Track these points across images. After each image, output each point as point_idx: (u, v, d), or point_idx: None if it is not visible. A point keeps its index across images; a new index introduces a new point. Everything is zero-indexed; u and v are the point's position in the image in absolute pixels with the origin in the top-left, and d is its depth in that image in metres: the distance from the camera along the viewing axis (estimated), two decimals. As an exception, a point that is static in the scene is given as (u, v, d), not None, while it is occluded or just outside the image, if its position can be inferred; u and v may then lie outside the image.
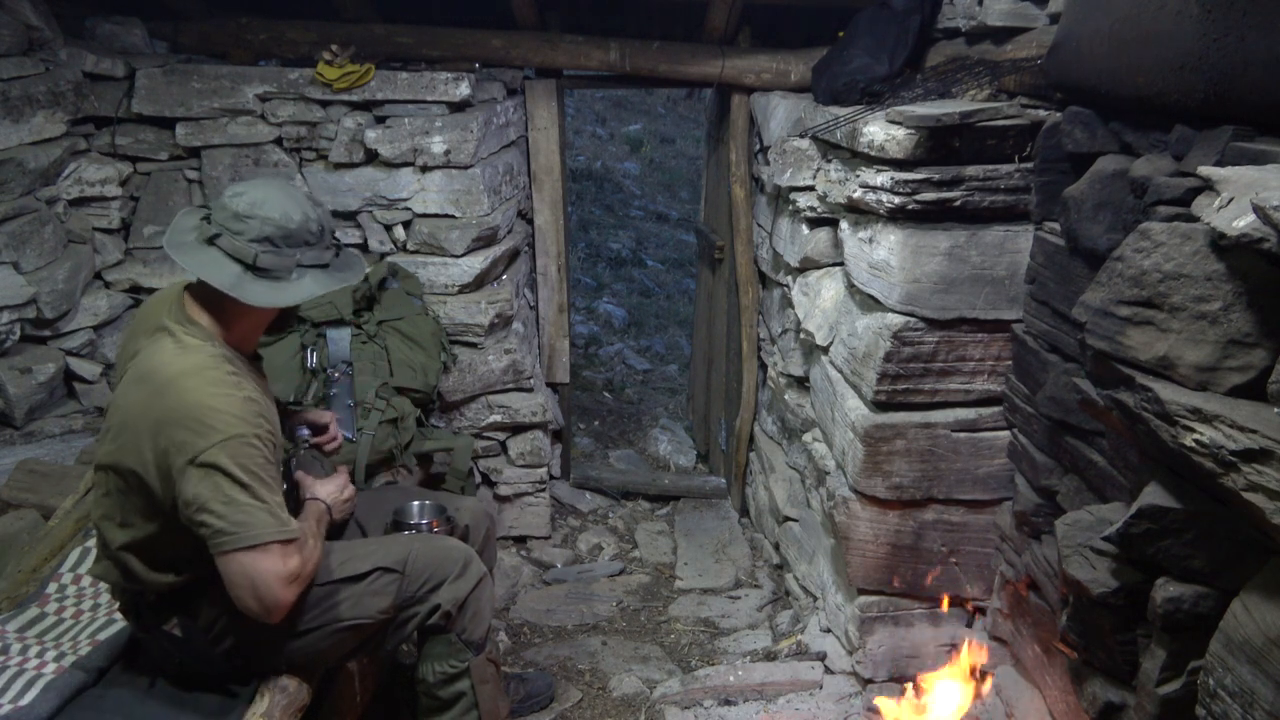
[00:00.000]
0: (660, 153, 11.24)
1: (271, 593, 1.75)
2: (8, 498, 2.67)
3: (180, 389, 1.75)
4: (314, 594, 1.99)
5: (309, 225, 1.90)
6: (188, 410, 1.73)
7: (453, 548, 2.20)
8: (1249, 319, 1.35)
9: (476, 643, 2.18)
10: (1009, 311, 2.40)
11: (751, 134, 3.91)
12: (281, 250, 1.86)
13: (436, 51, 3.66)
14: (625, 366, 6.27)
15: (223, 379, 1.78)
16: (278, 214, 1.85)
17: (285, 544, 1.76)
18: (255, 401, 1.81)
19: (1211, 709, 1.33)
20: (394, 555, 2.08)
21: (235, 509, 1.71)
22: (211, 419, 1.72)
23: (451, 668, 2.16)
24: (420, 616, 2.11)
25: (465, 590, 2.13)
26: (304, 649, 2.00)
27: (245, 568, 1.73)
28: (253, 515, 1.72)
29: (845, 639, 2.83)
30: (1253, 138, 1.54)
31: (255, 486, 1.74)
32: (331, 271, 1.95)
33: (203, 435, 1.71)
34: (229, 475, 1.71)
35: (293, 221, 1.87)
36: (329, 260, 1.95)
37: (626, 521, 4.26)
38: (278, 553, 1.75)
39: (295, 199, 1.91)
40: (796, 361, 3.32)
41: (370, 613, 2.04)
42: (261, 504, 1.74)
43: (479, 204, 3.45)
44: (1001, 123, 2.28)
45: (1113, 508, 1.78)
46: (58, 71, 3.25)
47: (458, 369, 3.50)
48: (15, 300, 3.03)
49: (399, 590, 2.07)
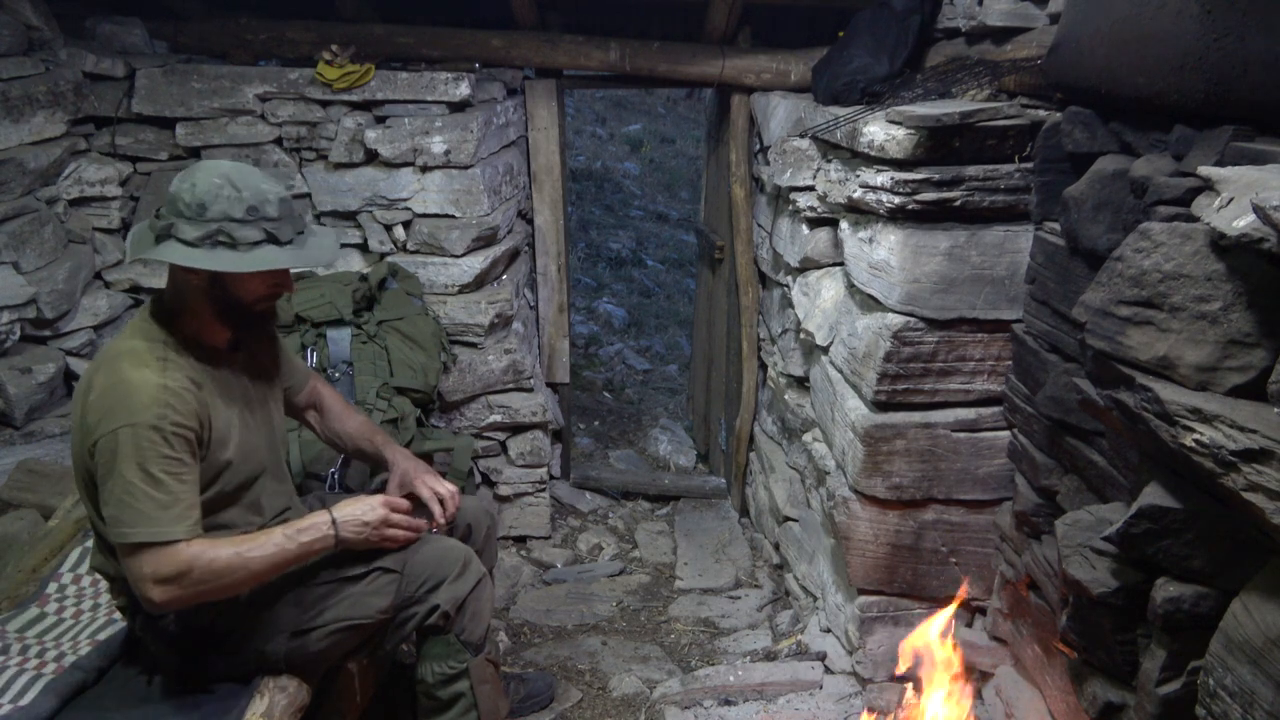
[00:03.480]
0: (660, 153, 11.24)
1: (140, 590, 1.73)
2: (8, 498, 2.67)
3: (109, 369, 1.76)
4: (313, 593, 1.99)
5: (256, 201, 1.79)
6: (108, 389, 1.74)
7: (452, 548, 2.18)
8: (1249, 319, 1.35)
9: (475, 643, 2.17)
10: (1009, 311, 2.40)
11: (751, 134, 3.92)
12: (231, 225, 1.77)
13: (436, 51, 3.66)
14: (625, 366, 6.27)
15: (146, 363, 1.77)
16: (226, 193, 1.77)
17: (160, 546, 1.71)
18: (170, 390, 1.75)
19: (1211, 709, 1.33)
20: (393, 555, 2.08)
21: (116, 505, 1.70)
22: (122, 400, 1.72)
23: (450, 668, 2.15)
24: (419, 617, 2.11)
25: (464, 590, 2.12)
26: (303, 648, 2.00)
27: (121, 558, 1.74)
28: (126, 512, 1.70)
29: (845, 639, 2.83)
30: (1253, 138, 1.54)
31: (138, 482, 1.70)
32: (293, 249, 1.85)
33: (112, 415, 1.71)
34: (120, 464, 1.70)
35: (240, 201, 1.77)
36: (290, 237, 1.84)
37: (626, 521, 4.26)
38: (148, 554, 1.71)
39: (245, 176, 1.81)
40: (796, 361, 3.32)
41: (369, 613, 2.04)
42: (142, 503, 1.70)
43: (479, 204, 3.45)
44: (1001, 123, 2.28)
45: (1113, 508, 1.78)
46: (58, 71, 3.25)
47: (458, 369, 3.51)
48: (15, 300, 3.03)
49: (398, 590, 2.06)
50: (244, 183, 1.79)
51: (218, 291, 1.84)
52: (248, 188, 1.79)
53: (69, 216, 3.33)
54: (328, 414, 2.35)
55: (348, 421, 2.35)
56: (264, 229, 1.80)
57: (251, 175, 1.82)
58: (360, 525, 1.99)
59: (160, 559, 1.72)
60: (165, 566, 1.72)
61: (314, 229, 1.98)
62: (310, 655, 2.02)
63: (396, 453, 2.31)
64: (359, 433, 2.34)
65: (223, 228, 1.76)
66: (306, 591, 2.00)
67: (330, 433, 2.35)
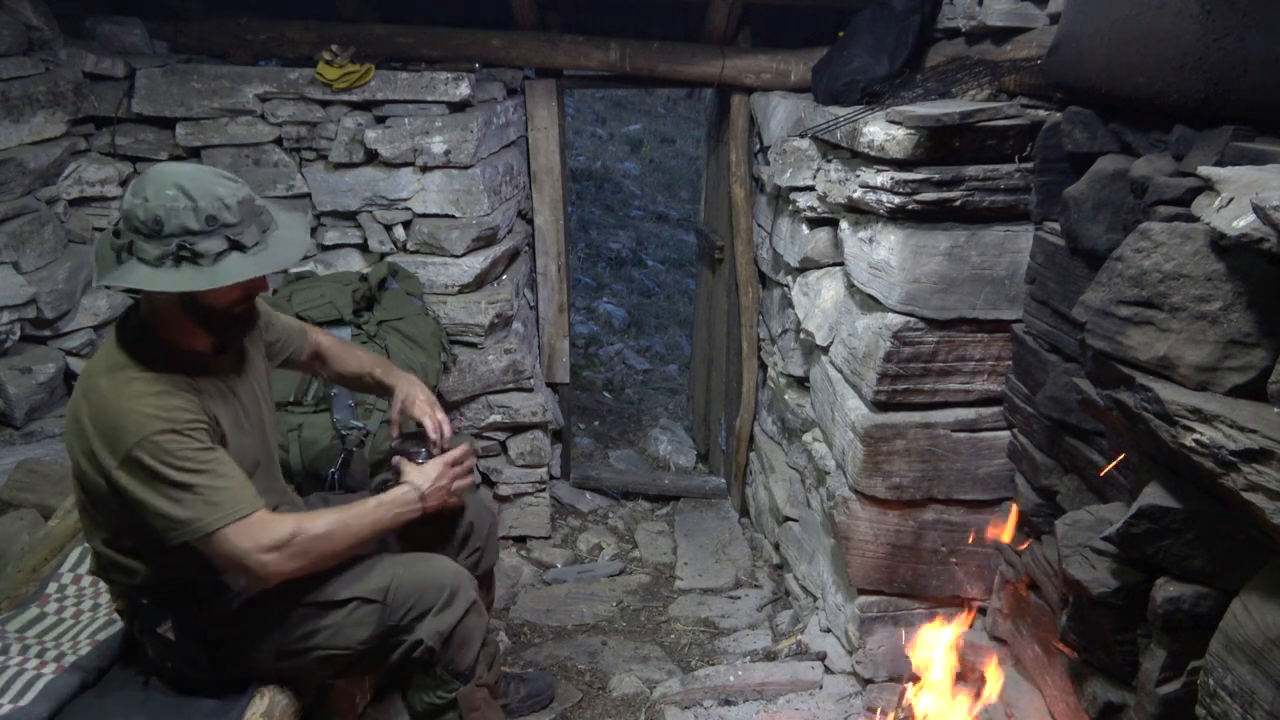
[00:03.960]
0: (660, 153, 11.24)
1: (249, 567, 1.74)
2: (8, 498, 2.67)
3: (98, 391, 1.73)
4: (296, 613, 1.95)
5: (213, 210, 1.70)
6: (104, 412, 1.71)
7: (440, 573, 2.05)
8: (1249, 319, 1.35)
9: (464, 672, 2.06)
10: (1009, 311, 2.40)
11: (751, 134, 3.92)
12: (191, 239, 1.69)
13: (436, 51, 3.66)
14: (625, 366, 6.27)
15: (134, 378, 1.73)
16: (182, 205, 1.68)
17: (248, 519, 1.73)
18: (168, 395, 1.74)
19: (1211, 709, 1.33)
20: (375, 583, 1.98)
21: (175, 506, 1.70)
22: (122, 421, 1.69)
23: (439, 698, 2.06)
24: (403, 649, 2.01)
25: (449, 624, 2.01)
26: (290, 669, 1.99)
27: (208, 552, 1.74)
28: (193, 509, 1.70)
29: (845, 639, 2.83)
30: (1253, 138, 1.54)
31: (187, 479, 1.70)
32: (260, 253, 1.77)
33: (120, 439, 1.69)
34: (157, 475, 1.68)
35: (197, 211, 1.69)
36: (255, 239, 1.76)
37: (626, 521, 4.26)
38: (242, 532, 1.72)
39: (198, 182, 1.71)
40: (796, 361, 3.33)
41: (350, 644, 1.98)
42: (200, 493, 1.70)
43: (479, 204, 3.45)
44: (1001, 123, 2.28)
45: (1113, 508, 1.78)
46: (58, 71, 3.25)
47: (458, 369, 3.51)
48: (15, 300, 3.03)
49: (380, 620, 1.98)
50: (198, 189, 1.69)
51: (190, 302, 1.78)
52: (203, 195, 1.69)
53: (69, 216, 3.33)
54: (331, 360, 2.45)
55: (350, 361, 2.46)
56: (226, 237, 1.71)
57: (204, 179, 1.72)
58: (438, 490, 2.10)
59: (256, 531, 1.73)
60: (266, 535, 1.74)
61: (279, 219, 1.87)
62: (298, 674, 2.01)
63: (399, 378, 2.43)
64: (362, 369, 2.46)
65: (183, 243, 1.68)
66: (290, 612, 1.96)
67: (336, 376, 2.48)
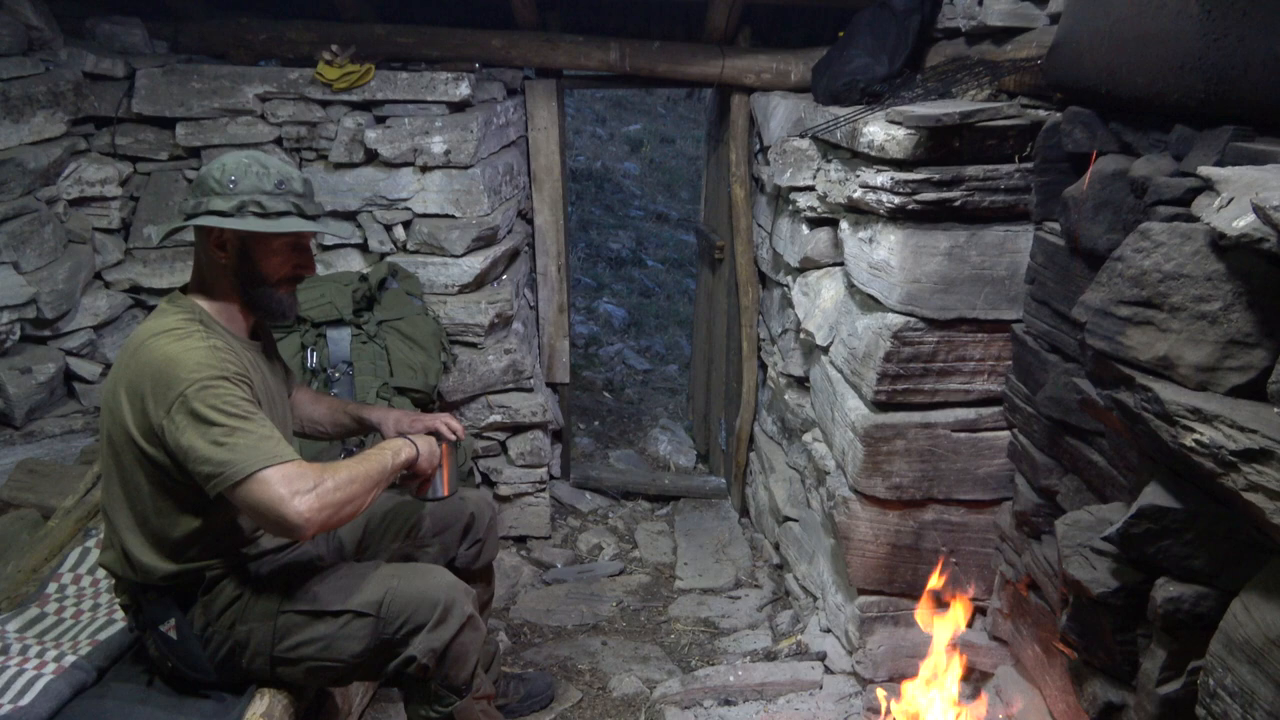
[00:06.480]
0: (660, 153, 11.24)
1: (282, 515, 1.73)
2: (8, 498, 2.67)
3: (149, 348, 1.81)
4: (288, 619, 1.95)
5: (282, 178, 1.94)
6: (155, 365, 1.78)
7: (435, 587, 2.02)
8: (1249, 319, 1.35)
9: (459, 686, 2.04)
10: (1009, 311, 2.40)
11: (751, 134, 3.92)
12: (261, 196, 1.90)
13: (436, 51, 3.66)
14: (625, 366, 6.27)
15: (189, 334, 1.83)
16: (255, 170, 1.91)
17: (282, 465, 1.75)
18: (221, 350, 1.82)
19: (1211, 709, 1.33)
20: (369, 596, 1.97)
21: (220, 449, 1.73)
22: (174, 369, 1.76)
23: (436, 713, 2.04)
24: (397, 664, 1.99)
25: (442, 641, 1.98)
26: (286, 676, 1.99)
27: (246, 499, 1.74)
28: (236, 452, 1.73)
29: (845, 639, 2.83)
30: (1253, 138, 1.54)
31: (233, 423, 1.74)
32: (317, 221, 1.99)
33: (171, 385, 1.75)
34: (204, 419, 1.73)
35: (269, 176, 1.91)
36: (314, 213, 1.99)
37: (626, 521, 4.26)
38: (276, 477, 1.73)
39: (270, 159, 1.96)
40: (796, 361, 3.33)
41: (343, 657, 1.97)
42: (244, 437, 1.74)
43: (479, 204, 3.45)
44: (1001, 123, 2.28)
45: (1113, 508, 1.78)
46: (58, 71, 3.25)
47: (458, 369, 3.51)
48: (15, 300, 3.03)
49: (373, 633, 1.97)
50: (270, 164, 1.94)
51: (245, 268, 1.92)
52: (274, 167, 1.93)
53: (69, 216, 3.33)
54: (298, 405, 2.38)
55: (318, 406, 2.42)
56: (291, 201, 1.92)
57: (275, 160, 1.97)
58: (414, 422, 2.24)
59: (289, 476, 1.74)
60: (299, 480, 1.75)
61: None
62: (294, 681, 2.01)
63: (375, 410, 2.39)
64: (330, 412, 2.41)
65: (253, 198, 1.88)
66: (282, 617, 1.96)
67: (305, 420, 2.40)
